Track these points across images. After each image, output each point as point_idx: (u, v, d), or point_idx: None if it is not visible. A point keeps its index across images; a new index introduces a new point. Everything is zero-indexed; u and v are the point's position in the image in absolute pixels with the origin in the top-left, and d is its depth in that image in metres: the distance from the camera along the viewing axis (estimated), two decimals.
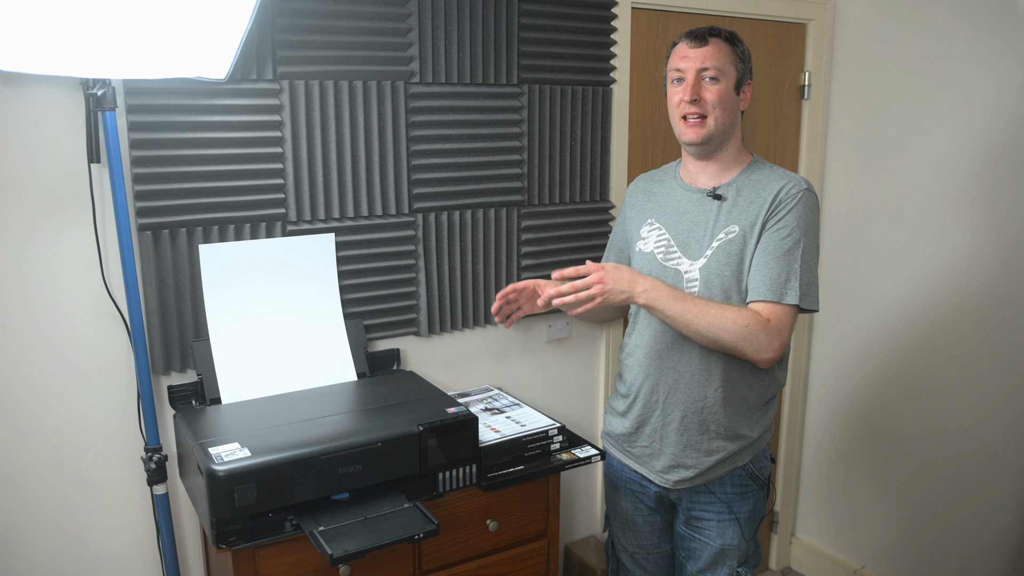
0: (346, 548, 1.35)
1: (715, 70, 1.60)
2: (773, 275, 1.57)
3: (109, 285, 1.61)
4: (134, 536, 1.71)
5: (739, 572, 1.76)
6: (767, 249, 1.59)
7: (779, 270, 1.57)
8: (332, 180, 1.80)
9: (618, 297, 1.54)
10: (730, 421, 1.68)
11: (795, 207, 1.59)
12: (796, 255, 1.58)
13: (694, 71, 1.61)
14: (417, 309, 1.97)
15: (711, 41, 1.61)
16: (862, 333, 2.57)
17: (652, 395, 1.71)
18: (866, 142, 2.51)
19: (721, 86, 1.61)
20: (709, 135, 1.62)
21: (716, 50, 1.61)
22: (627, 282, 1.54)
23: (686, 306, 1.54)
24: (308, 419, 1.55)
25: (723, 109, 1.61)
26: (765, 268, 1.58)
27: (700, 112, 1.61)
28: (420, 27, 1.84)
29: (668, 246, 1.69)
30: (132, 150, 1.59)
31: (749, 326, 1.54)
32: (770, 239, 1.59)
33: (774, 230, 1.59)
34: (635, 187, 1.86)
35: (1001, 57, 2.15)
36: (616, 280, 1.54)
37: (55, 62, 1.36)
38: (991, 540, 2.30)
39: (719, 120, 1.61)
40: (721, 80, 1.61)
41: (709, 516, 1.74)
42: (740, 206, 1.64)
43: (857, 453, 2.65)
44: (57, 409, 1.61)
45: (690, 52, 1.62)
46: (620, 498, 1.86)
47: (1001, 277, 2.21)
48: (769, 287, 1.57)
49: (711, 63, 1.60)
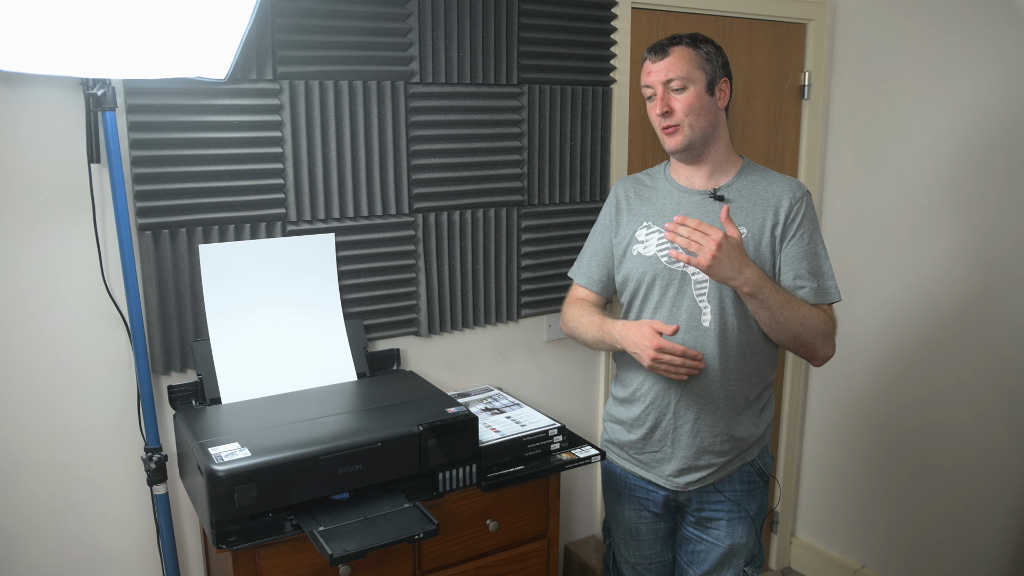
0: (346, 548, 1.35)
1: (680, 80, 1.60)
2: (816, 280, 1.63)
3: (109, 285, 1.61)
4: (134, 536, 1.71)
5: (746, 572, 1.76)
6: (800, 257, 1.63)
7: (817, 273, 1.64)
8: (332, 180, 1.80)
9: (721, 274, 1.51)
10: (736, 420, 1.68)
11: (805, 211, 1.65)
12: (823, 254, 1.66)
13: (660, 84, 1.62)
14: (417, 309, 1.97)
15: (671, 51, 1.62)
16: (862, 333, 2.57)
17: (663, 398, 1.71)
18: (866, 142, 2.51)
19: (689, 93, 1.61)
20: (688, 142, 1.63)
21: (678, 59, 1.61)
22: (736, 266, 1.51)
23: (785, 299, 1.57)
24: (308, 419, 1.55)
25: (696, 115, 1.62)
26: (806, 276, 1.63)
27: (673, 123, 1.62)
28: (420, 27, 1.84)
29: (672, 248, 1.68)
30: (132, 150, 1.59)
31: (827, 324, 1.62)
32: (798, 247, 1.63)
33: (797, 237, 1.63)
34: (621, 189, 1.82)
35: (1001, 57, 2.15)
36: (729, 257, 1.50)
37: (55, 62, 1.36)
38: (991, 540, 2.30)
39: (694, 126, 1.62)
40: (689, 87, 1.61)
41: (719, 515, 1.74)
42: (744, 208, 1.65)
43: (857, 453, 2.65)
44: (57, 409, 1.61)
45: (653, 67, 1.63)
46: (623, 507, 1.85)
47: (1000, 277, 2.21)
48: (816, 292, 1.63)
49: (674, 73, 1.60)
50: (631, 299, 1.75)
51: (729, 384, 1.67)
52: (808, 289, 1.63)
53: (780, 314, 1.57)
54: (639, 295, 1.73)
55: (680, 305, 1.67)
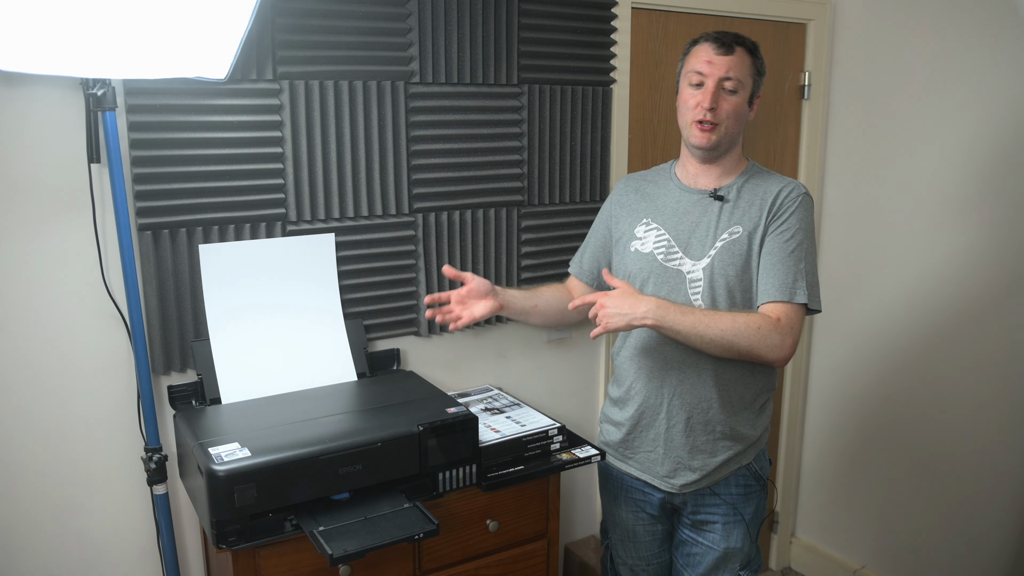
0: (346, 548, 1.35)
1: (736, 81, 1.58)
2: (781, 276, 1.58)
3: (109, 285, 1.61)
4: (134, 536, 1.71)
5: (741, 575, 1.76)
6: (772, 252, 1.60)
7: (786, 271, 1.58)
8: (332, 180, 1.80)
9: (619, 323, 1.52)
10: (731, 421, 1.68)
11: (796, 210, 1.61)
12: (801, 255, 1.59)
13: (716, 79, 1.58)
14: (417, 309, 1.97)
15: (737, 51, 1.58)
16: (862, 333, 2.57)
17: (655, 397, 1.70)
18: (866, 142, 2.51)
19: (738, 98, 1.60)
20: (718, 142, 1.62)
21: (740, 61, 1.59)
22: (628, 305, 1.52)
23: (696, 318, 1.53)
24: (308, 419, 1.55)
25: (735, 120, 1.61)
26: (772, 270, 1.59)
27: (714, 120, 1.59)
28: (420, 27, 1.84)
29: (668, 246, 1.68)
30: (132, 150, 1.59)
31: (761, 328, 1.54)
32: (775, 241, 1.60)
33: (777, 232, 1.60)
34: (624, 186, 1.82)
35: (1001, 57, 2.15)
36: (617, 307, 1.52)
37: (55, 62, 1.36)
38: (991, 540, 2.30)
39: (729, 130, 1.61)
40: (739, 92, 1.59)
41: (715, 519, 1.74)
42: (741, 207, 1.64)
43: (857, 453, 2.65)
44: (57, 409, 1.61)
45: (715, 58, 1.59)
46: (620, 509, 1.85)
47: (1001, 277, 2.21)
48: (778, 288, 1.58)
49: (734, 74, 1.58)
50: None
51: (723, 384, 1.66)
52: (770, 285, 1.58)
53: (695, 333, 1.53)
54: None
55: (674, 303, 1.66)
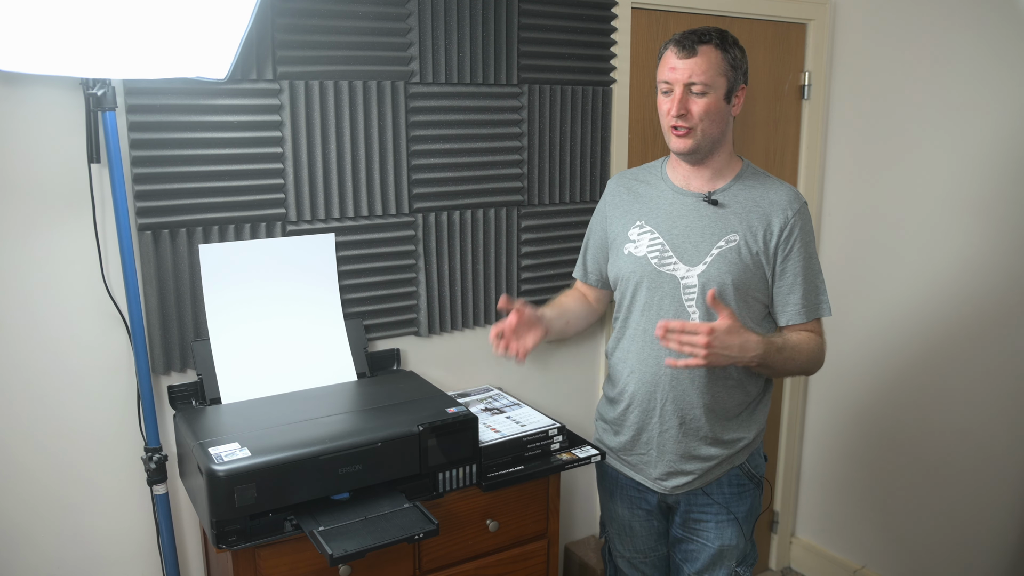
0: (346, 548, 1.35)
1: (702, 84, 1.55)
2: (808, 296, 1.66)
3: (109, 285, 1.61)
4: (134, 536, 1.71)
5: (737, 572, 1.76)
6: (796, 273, 1.65)
7: (809, 289, 1.67)
8: (332, 180, 1.80)
9: (724, 362, 1.53)
10: (719, 429, 1.68)
11: (801, 226, 1.65)
12: (815, 268, 1.68)
13: (681, 84, 1.56)
14: (417, 309, 1.97)
15: (700, 51, 1.55)
16: (862, 333, 2.57)
17: (649, 402, 1.70)
18: (866, 142, 2.51)
19: (708, 99, 1.56)
20: (696, 146, 1.61)
21: (704, 61, 1.55)
22: (736, 348, 1.51)
23: (787, 355, 1.61)
24: (308, 419, 1.55)
25: (710, 121, 1.58)
26: (799, 291, 1.66)
27: (687, 125, 1.58)
28: (420, 27, 1.84)
29: (663, 251, 1.67)
30: (132, 150, 1.59)
31: (820, 349, 1.68)
32: (794, 264, 1.65)
33: (792, 255, 1.65)
34: (617, 184, 1.81)
35: (1002, 57, 2.15)
36: (724, 345, 1.50)
37: (55, 62, 1.36)
38: (991, 540, 2.30)
39: (706, 132, 1.59)
40: (709, 93, 1.56)
41: (707, 518, 1.74)
42: (739, 214, 1.64)
43: (857, 453, 2.65)
44: (57, 409, 1.61)
45: (677, 63, 1.56)
46: (617, 504, 1.85)
47: (1001, 278, 2.21)
48: (809, 308, 1.67)
49: (698, 77, 1.54)
50: (621, 298, 1.76)
51: (716, 390, 1.66)
52: (800, 307, 1.65)
53: (784, 369, 1.67)
54: (627, 295, 1.73)
55: (667, 308, 1.66)
